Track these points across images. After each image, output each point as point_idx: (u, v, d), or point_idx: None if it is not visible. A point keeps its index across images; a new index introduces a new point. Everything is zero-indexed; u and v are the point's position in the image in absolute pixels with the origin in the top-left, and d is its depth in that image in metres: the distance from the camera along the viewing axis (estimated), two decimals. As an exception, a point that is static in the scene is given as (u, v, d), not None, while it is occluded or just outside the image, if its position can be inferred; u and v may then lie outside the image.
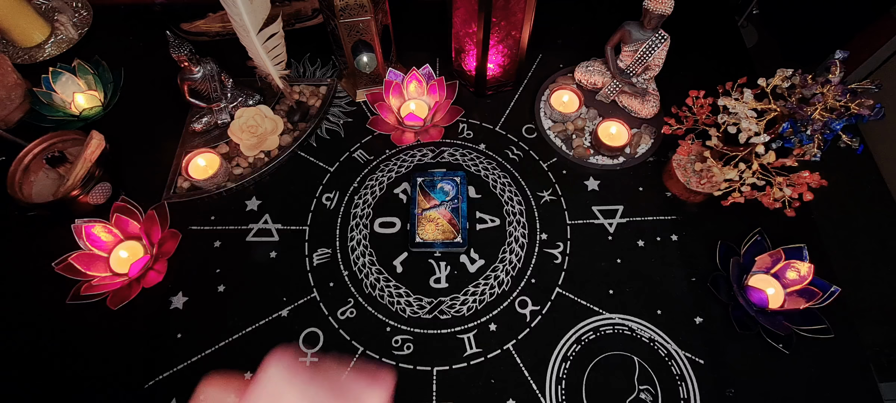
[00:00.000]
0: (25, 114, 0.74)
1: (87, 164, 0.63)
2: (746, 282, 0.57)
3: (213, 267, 0.62)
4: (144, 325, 0.58)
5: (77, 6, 0.87)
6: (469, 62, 0.73)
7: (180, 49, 0.64)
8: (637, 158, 0.70)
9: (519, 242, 0.64)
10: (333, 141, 0.73)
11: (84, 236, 0.59)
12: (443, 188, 0.65)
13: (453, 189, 0.65)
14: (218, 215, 0.66)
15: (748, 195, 0.55)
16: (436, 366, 0.56)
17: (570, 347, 0.56)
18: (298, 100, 0.75)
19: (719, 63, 0.81)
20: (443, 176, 0.66)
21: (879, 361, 1.32)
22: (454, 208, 0.63)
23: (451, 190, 0.64)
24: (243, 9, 0.60)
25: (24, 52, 0.81)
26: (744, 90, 0.55)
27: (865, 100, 0.50)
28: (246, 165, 0.69)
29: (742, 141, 0.54)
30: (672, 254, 0.62)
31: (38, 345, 0.57)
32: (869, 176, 1.67)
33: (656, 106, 0.71)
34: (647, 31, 0.65)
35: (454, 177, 0.66)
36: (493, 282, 0.61)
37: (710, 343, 0.56)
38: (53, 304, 0.58)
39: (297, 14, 0.84)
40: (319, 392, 0.34)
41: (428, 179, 0.66)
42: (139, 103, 0.77)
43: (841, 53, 0.51)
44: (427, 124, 0.71)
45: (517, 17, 0.64)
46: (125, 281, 0.59)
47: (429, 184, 0.65)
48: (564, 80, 0.76)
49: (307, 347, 0.57)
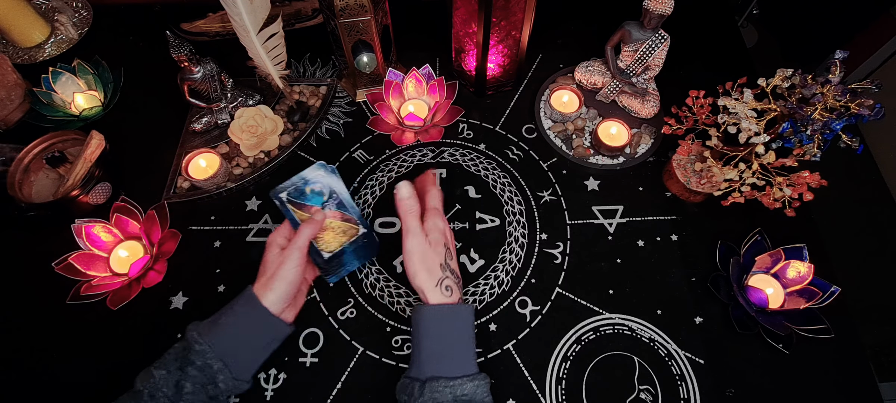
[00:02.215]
0: (25, 114, 0.74)
1: (87, 164, 0.63)
2: (746, 282, 0.57)
3: (213, 267, 0.62)
4: (144, 325, 0.58)
5: (77, 6, 0.87)
6: (469, 62, 0.73)
7: (180, 49, 0.64)
8: (637, 158, 0.70)
9: (519, 242, 0.64)
10: (333, 141, 0.73)
11: (84, 236, 0.59)
12: (313, 190, 0.54)
13: (322, 185, 0.54)
14: (218, 215, 0.66)
15: (748, 195, 0.55)
16: (436, 366, 0.56)
17: (570, 347, 0.56)
18: (298, 100, 0.75)
19: (719, 63, 0.81)
20: (305, 181, 0.53)
21: (879, 361, 1.32)
22: (338, 203, 0.55)
23: (321, 188, 0.54)
24: (243, 9, 0.60)
25: (24, 51, 0.82)
26: (744, 90, 0.55)
27: (865, 100, 0.50)
28: (246, 165, 0.69)
29: (742, 141, 0.54)
30: (672, 254, 0.62)
31: (38, 345, 0.57)
32: (869, 176, 1.67)
33: (656, 106, 0.71)
34: (647, 31, 0.65)
35: (318, 172, 0.54)
36: (493, 282, 0.61)
37: (710, 343, 0.56)
38: (53, 304, 0.58)
39: (297, 14, 0.84)
40: None
41: (292, 189, 0.53)
42: (139, 103, 0.77)
43: (841, 53, 0.51)
44: (427, 124, 0.71)
45: (517, 16, 0.64)
46: (125, 281, 0.59)
47: (296, 194, 0.53)
48: (564, 80, 0.76)
49: (307, 347, 0.57)
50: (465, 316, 0.46)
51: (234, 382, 0.46)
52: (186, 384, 0.44)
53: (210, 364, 0.45)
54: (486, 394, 0.43)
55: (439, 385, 0.42)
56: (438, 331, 0.45)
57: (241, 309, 0.47)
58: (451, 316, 0.45)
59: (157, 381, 0.43)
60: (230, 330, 0.46)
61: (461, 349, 0.44)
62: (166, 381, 0.44)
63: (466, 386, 0.42)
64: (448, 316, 0.45)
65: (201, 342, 0.45)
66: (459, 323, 0.45)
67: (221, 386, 0.45)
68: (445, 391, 0.41)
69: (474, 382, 0.43)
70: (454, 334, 0.45)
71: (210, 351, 0.45)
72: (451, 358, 0.44)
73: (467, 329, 0.46)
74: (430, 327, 0.45)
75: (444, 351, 0.44)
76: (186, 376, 0.44)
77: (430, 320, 0.45)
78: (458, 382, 0.42)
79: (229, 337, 0.46)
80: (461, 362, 0.44)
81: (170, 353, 0.46)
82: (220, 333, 0.46)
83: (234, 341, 0.46)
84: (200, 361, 0.45)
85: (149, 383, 0.44)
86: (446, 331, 0.45)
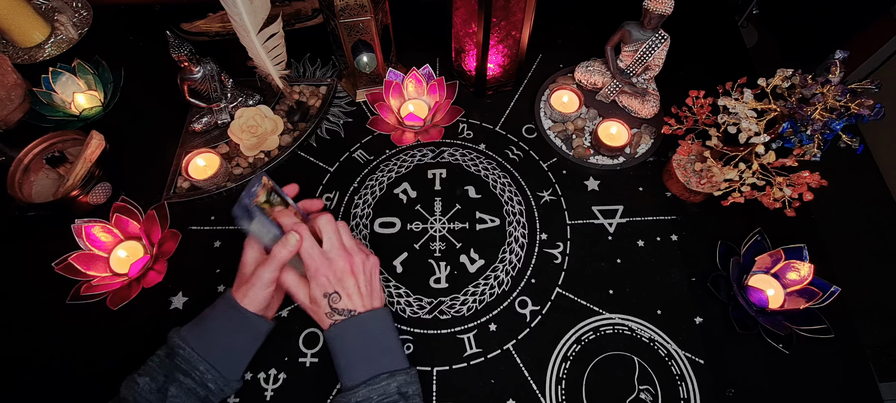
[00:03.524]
0: (25, 114, 0.74)
1: (87, 164, 0.63)
2: (746, 282, 0.57)
3: (213, 267, 0.62)
4: (144, 325, 0.58)
5: (77, 6, 0.87)
6: (469, 62, 0.73)
7: (180, 49, 0.64)
8: (637, 158, 0.70)
9: (519, 242, 0.64)
10: (333, 141, 0.73)
11: (84, 236, 0.59)
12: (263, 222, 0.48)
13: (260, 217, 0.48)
14: (218, 215, 0.66)
15: (748, 195, 0.55)
16: (436, 366, 0.56)
17: (570, 347, 0.56)
18: (298, 100, 0.75)
19: (719, 63, 0.81)
20: (245, 211, 0.48)
21: (879, 361, 1.32)
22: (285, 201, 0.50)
23: (264, 227, 0.48)
24: (243, 9, 0.60)
25: (24, 52, 0.81)
26: (744, 90, 0.55)
27: (865, 100, 0.50)
28: (246, 165, 0.69)
29: (742, 141, 0.54)
30: (672, 254, 0.62)
31: (39, 345, 0.57)
32: (869, 176, 1.67)
33: (656, 106, 0.71)
34: (647, 31, 0.65)
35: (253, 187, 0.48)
36: (493, 282, 0.61)
37: (710, 343, 0.56)
38: (53, 304, 0.58)
39: (297, 14, 0.84)
40: None
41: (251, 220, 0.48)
42: (139, 103, 0.77)
43: (841, 53, 0.51)
44: (427, 124, 0.71)
45: (517, 16, 0.64)
46: (125, 281, 0.59)
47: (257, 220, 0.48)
48: (564, 80, 0.76)
49: (307, 347, 0.57)
50: (350, 334, 0.47)
51: (224, 380, 0.47)
52: (171, 388, 0.44)
53: (196, 366, 0.45)
54: (383, 395, 0.45)
55: (340, 397, 0.46)
56: (334, 350, 0.47)
57: (220, 312, 0.48)
58: (336, 335, 0.47)
59: (141, 388, 0.44)
60: (212, 332, 0.47)
61: (352, 361, 0.47)
62: (151, 388, 0.44)
63: (360, 392, 0.45)
64: (332, 338, 0.47)
65: (184, 346, 0.46)
66: (342, 341, 0.47)
67: (211, 386, 0.46)
68: (343, 401, 0.45)
69: (368, 387, 0.45)
70: (341, 350, 0.47)
71: (194, 355, 0.46)
72: (347, 371, 0.46)
73: (356, 342, 0.47)
74: (330, 348, 0.48)
75: (342, 367, 0.47)
76: (172, 381, 0.44)
77: (328, 343, 0.48)
78: (353, 391, 0.45)
79: (211, 340, 0.47)
80: (357, 371, 0.46)
81: (153, 360, 0.46)
82: (203, 336, 0.47)
83: (217, 343, 0.47)
84: (186, 365, 0.45)
85: (134, 390, 0.44)
86: (338, 349, 0.47)
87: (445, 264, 0.62)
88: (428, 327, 0.58)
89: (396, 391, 0.45)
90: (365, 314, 0.48)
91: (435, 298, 0.60)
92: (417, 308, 0.59)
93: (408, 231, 0.65)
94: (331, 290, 0.47)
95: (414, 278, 0.61)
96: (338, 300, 0.47)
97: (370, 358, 0.47)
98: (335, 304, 0.47)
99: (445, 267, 0.62)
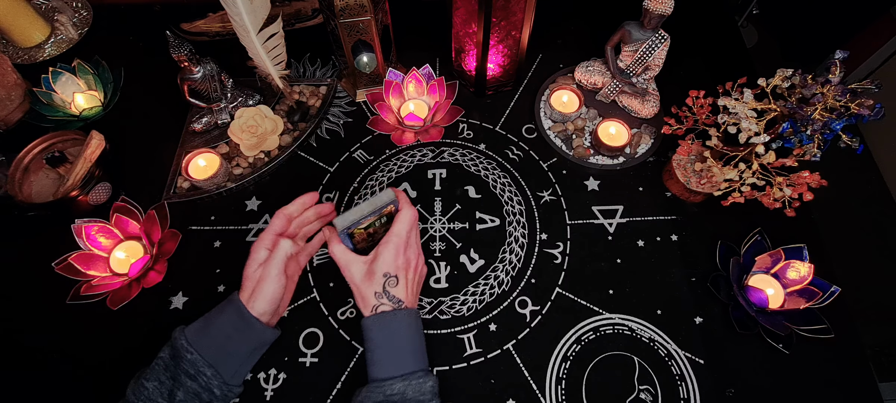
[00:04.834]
0: (25, 114, 0.74)
1: (87, 164, 0.63)
2: (746, 282, 0.57)
3: (213, 267, 0.62)
4: (144, 325, 0.58)
5: (77, 6, 0.87)
6: (469, 62, 0.73)
7: (180, 49, 0.64)
8: (637, 158, 0.70)
9: (519, 242, 0.64)
10: (333, 141, 0.73)
11: (84, 236, 0.59)
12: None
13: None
14: (218, 215, 0.66)
15: (748, 195, 0.55)
16: (436, 366, 0.56)
17: (570, 347, 0.56)
18: (298, 100, 0.75)
19: (719, 63, 0.81)
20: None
21: (879, 361, 1.32)
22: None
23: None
24: (243, 9, 0.60)
25: (24, 51, 0.82)
26: (744, 90, 0.55)
27: (865, 100, 0.50)
28: (246, 165, 0.69)
29: (742, 141, 0.54)
30: (672, 254, 0.62)
31: (39, 345, 0.57)
32: (869, 176, 1.67)
33: (656, 106, 0.71)
34: (647, 31, 0.65)
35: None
36: (493, 282, 0.61)
37: (710, 343, 0.56)
38: (53, 304, 0.58)
39: (297, 14, 0.84)
40: None
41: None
42: (139, 103, 0.77)
43: (841, 53, 0.51)
44: (427, 124, 0.71)
45: (517, 16, 0.64)
46: (125, 281, 0.59)
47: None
48: (564, 80, 0.76)
49: (307, 347, 0.57)
50: (397, 323, 0.48)
51: (227, 386, 0.47)
52: (178, 393, 0.44)
53: (203, 371, 0.45)
54: (419, 392, 0.45)
55: (373, 387, 0.45)
56: (374, 339, 0.47)
57: (227, 318, 0.48)
58: (380, 324, 0.48)
59: (150, 392, 0.44)
60: (219, 338, 0.47)
61: (391, 353, 0.47)
62: (159, 391, 0.44)
63: (396, 386, 0.45)
64: (376, 325, 0.48)
65: (192, 350, 0.45)
66: (388, 331, 0.47)
67: (217, 392, 0.46)
68: (377, 392, 0.45)
69: (405, 381, 0.45)
70: (384, 340, 0.47)
71: (201, 360, 0.45)
72: (382, 363, 0.46)
73: (400, 334, 0.48)
74: (368, 336, 0.48)
75: (377, 357, 0.47)
76: (179, 385, 0.44)
77: (366, 330, 0.48)
78: (389, 383, 0.45)
79: (218, 345, 0.46)
80: (393, 365, 0.46)
81: (158, 363, 0.46)
82: (210, 341, 0.46)
83: (224, 348, 0.47)
84: (193, 370, 0.45)
85: (142, 394, 0.44)
86: (379, 339, 0.47)
87: (445, 264, 0.62)
88: (428, 327, 0.58)
89: (431, 390, 0.45)
90: (410, 310, 0.49)
91: (435, 298, 0.60)
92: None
93: (408, 231, 0.65)
94: (393, 273, 0.48)
95: (414, 278, 0.61)
96: (394, 284, 0.48)
97: (405, 354, 0.47)
98: (390, 287, 0.48)
99: (445, 267, 0.62)
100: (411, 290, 0.50)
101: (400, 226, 0.49)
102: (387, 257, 0.48)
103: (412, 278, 0.50)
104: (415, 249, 0.51)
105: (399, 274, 0.48)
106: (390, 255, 0.48)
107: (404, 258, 0.49)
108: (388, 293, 0.48)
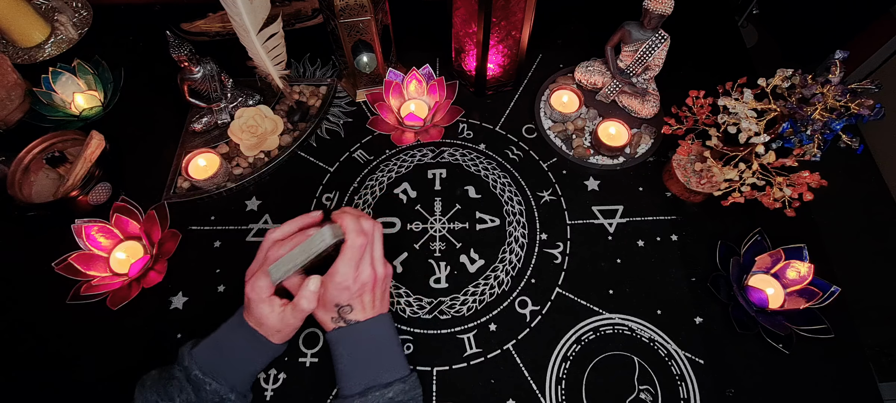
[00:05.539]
0: (25, 114, 0.74)
1: (87, 164, 0.63)
2: (746, 282, 0.57)
3: (213, 267, 0.62)
4: (144, 325, 0.58)
5: (77, 6, 0.87)
6: (469, 62, 0.73)
7: (180, 49, 0.64)
8: (637, 158, 0.70)
9: (519, 242, 0.64)
10: (333, 141, 0.73)
11: (84, 236, 0.59)
12: None
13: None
14: (218, 215, 0.66)
15: (748, 195, 0.55)
16: (436, 366, 0.56)
17: (570, 347, 0.56)
18: (298, 100, 0.75)
19: (719, 63, 0.81)
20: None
21: (879, 361, 1.32)
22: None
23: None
24: (243, 9, 0.60)
25: (24, 52, 0.82)
26: (744, 90, 0.55)
27: (865, 100, 0.50)
28: (246, 165, 0.69)
29: (742, 141, 0.54)
30: (672, 254, 0.62)
31: (38, 345, 0.57)
32: (869, 176, 1.67)
33: (656, 106, 0.71)
34: (647, 31, 0.65)
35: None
36: (493, 282, 0.61)
37: (710, 343, 0.56)
38: (53, 304, 0.58)
39: (297, 14, 0.84)
40: None
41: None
42: (139, 103, 0.77)
43: (841, 53, 0.51)
44: (427, 124, 0.71)
45: (517, 16, 0.64)
46: (125, 281, 0.59)
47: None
48: (564, 80, 0.76)
49: (307, 347, 0.57)
50: (355, 337, 0.47)
51: (242, 398, 0.48)
52: None
53: (218, 391, 0.45)
54: (401, 395, 0.45)
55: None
56: (337, 352, 0.47)
57: (241, 341, 0.47)
58: (342, 340, 0.47)
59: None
60: (233, 361, 0.47)
61: (351, 366, 0.47)
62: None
63: (370, 397, 0.45)
64: (338, 342, 0.47)
65: (211, 382, 0.45)
66: (348, 344, 0.47)
67: (232, 397, 0.46)
68: None
69: (362, 399, 0.45)
70: (343, 355, 0.47)
71: (222, 387, 0.45)
72: (349, 376, 0.46)
73: (358, 348, 0.47)
74: (334, 351, 0.48)
75: (342, 370, 0.47)
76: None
77: (331, 344, 0.48)
78: (349, 400, 0.45)
79: (232, 367, 0.47)
80: (354, 381, 0.46)
81: (173, 387, 0.44)
82: (225, 366, 0.46)
83: (238, 369, 0.47)
84: (216, 398, 0.45)
85: None
86: (339, 353, 0.47)
87: (445, 264, 0.62)
88: (428, 327, 0.58)
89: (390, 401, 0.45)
90: (367, 321, 0.48)
91: (435, 298, 0.60)
92: (417, 308, 0.59)
93: (408, 231, 0.65)
94: (345, 303, 0.47)
95: (414, 278, 0.61)
96: (349, 312, 0.47)
97: (368, 366, 0.47)
98: (345, 315, 0.47)
99: (445, 267, 0.62)
100: (376, 305, 0.49)
101: (343, 267, 0.45)
102: (337, 292, 0.46)
103: (375, 295, 0.48)
104: (371, 270, 0.47)
105: (354, 301, 0.47)
106: (342, 290, 0.46)
107: (359, 286, 0.46)
108: (344, 319, 0.47)
